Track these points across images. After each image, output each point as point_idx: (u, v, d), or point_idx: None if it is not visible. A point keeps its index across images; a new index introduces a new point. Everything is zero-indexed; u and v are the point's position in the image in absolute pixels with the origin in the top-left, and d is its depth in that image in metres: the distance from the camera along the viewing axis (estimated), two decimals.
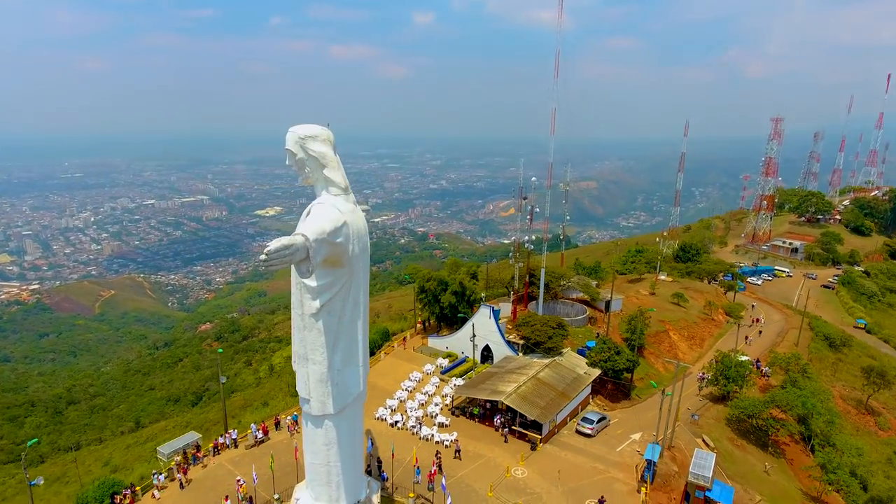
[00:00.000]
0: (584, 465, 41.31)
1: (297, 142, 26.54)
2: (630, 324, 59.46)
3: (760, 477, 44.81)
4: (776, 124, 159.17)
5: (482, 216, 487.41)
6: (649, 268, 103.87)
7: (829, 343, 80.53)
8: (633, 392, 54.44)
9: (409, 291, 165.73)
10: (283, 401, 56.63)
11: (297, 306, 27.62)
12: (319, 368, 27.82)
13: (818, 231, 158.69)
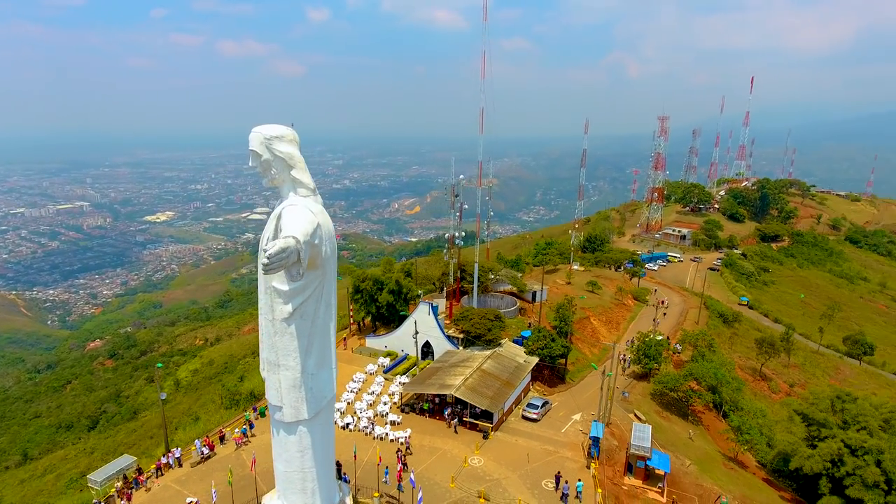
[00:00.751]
0: (536, 448, 43.32)
1: (262, 143, 25.71)
2: (558, 312, 62.66)
3: (686, 444, 49.29)
4: (663, 122, 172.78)
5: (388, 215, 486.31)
6: (562, 259, 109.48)
7: (723, 320, 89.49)
8: (567, 376, 57.61)
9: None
10: (217, 414, 53.90)
11: (267, 312, 26.76)
12: (292, 374, 27.15)
13: (701, 219, 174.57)
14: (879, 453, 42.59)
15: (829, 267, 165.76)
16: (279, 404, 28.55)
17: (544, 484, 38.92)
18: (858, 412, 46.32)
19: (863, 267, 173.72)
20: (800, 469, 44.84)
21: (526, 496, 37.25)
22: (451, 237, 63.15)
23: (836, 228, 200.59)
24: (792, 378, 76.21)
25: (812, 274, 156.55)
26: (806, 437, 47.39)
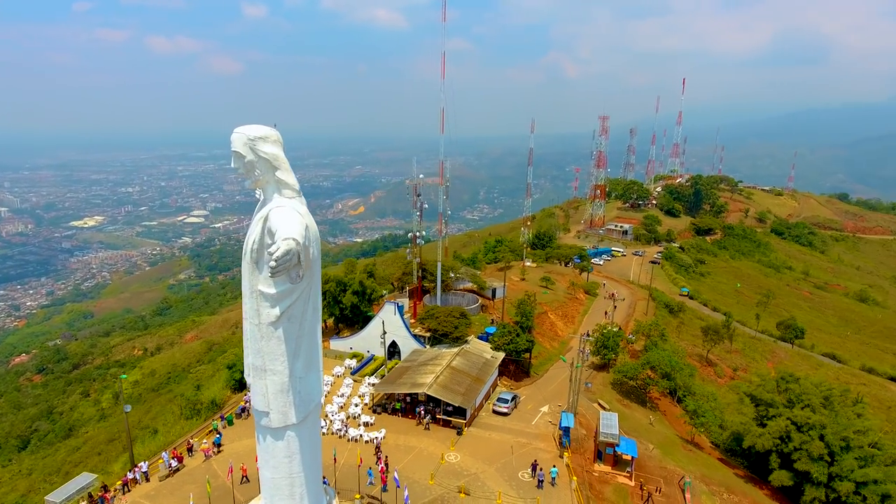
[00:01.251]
0: (509, 441, 44.27)
1: (245, 143, 25.15)
2: (520, 308, 64.05)
3: (648, 429, 51.56)
4: (603, 122, 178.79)
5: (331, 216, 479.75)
6: (515, 256, 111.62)
7: (669, 310, 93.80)
8: (532, 370, 59.03)
9: None
10: (178, 425, 51.87)
11: (253, 316, 26.19)
12: (280, 378, 26.69)
13: (641, 215, 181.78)
14: (822, 428, 46.01)
15: (757, 257, 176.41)
16: (266, 410, 27.97)
17: (521, 475, 39.90)
18: (801, 391, 49.87)
19: (787, 257, 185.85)
20: (752, 447, 47.87)
21: (504, 488, 38.08)
22: (414, 236, 63.35)
23: (762, 221, 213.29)
24: (735, 363, 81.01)
25: (743, 264, 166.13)
26: (756, 417, 50.53)
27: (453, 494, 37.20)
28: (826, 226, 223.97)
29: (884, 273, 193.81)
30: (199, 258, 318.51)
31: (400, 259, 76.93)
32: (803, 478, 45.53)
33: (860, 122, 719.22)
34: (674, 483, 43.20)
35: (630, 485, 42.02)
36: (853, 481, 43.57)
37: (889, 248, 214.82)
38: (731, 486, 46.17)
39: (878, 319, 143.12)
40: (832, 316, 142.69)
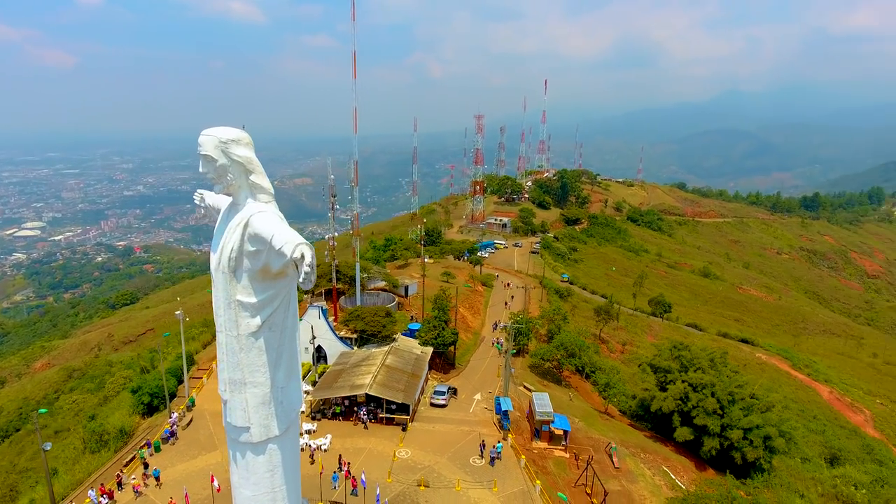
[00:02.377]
0: (454, 431, 45.76)
1: (217, 146, 23.73)
2: (436, 303, 65.72)
3: (569, 405, 55.83)
4: (479, 120, 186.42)
5: (194, 222, 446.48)
6: (411, 253, 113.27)
7: (560, 295, 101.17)
8: (456, 361, 60.98)
9: (130, 314, 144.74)
10: (84, 460, 46.40)
11: (232, 328, 24.84)
12: (261, 390, 25.60)
13: (516, 209, 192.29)
14: (712, 387, 53.12)
15: (619, 243, 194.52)
16: (245, 425, 26.57)
17: (472, 461, 41.60)
18: (692, 357, 57.10)
19: (643, 241, 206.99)
20: (659, 410, 53.93)
21: (460, 475, 39.52)
22: (332, 238, 62.32)
23: (619, 210, 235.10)
24: (622, 338, 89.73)
25: (609, 250, 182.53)
26: (657, 383, 56.97)
27: (413, 489, 37.88)
28: (670, 212, 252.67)
29: (718, 251, 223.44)
30: (38, 276, 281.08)
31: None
32: (701, 431, 52.23)
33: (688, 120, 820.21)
34: (601, 450, 47.53)
35: (566, 457, 45.58)
36: (741, 429, 50.89)
37: (721, 229, 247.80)
38: (645, 446, 51.76)
39: (719, 291, 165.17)
40: (684, 291, 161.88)
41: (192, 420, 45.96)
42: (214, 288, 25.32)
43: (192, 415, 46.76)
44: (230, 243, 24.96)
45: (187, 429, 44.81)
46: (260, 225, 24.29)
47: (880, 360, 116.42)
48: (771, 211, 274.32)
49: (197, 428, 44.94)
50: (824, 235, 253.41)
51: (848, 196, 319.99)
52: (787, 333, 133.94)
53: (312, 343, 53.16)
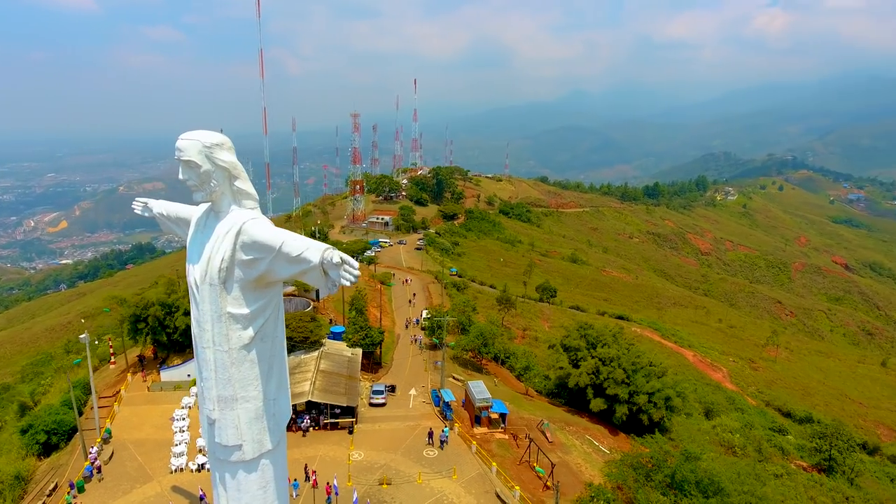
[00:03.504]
0: (400, 427, 46.38)
1: (201, 151, 22.26)
2: (354, 304, 65.36)
3: (495, 390, 58.65)
4: (355, 119, 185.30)
5: (21, 236, 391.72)
6: None
7: (457, 288, 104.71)
8: (382, 360, 61.25)
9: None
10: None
11: (222, 342, 23.43)
12: (253, 405, 24.43)
13: (395, 206, 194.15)
14: (619, 359, 59.13)
15: (496, 235, 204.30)
16: (238, 443, 25.08)
17: (426, 453, 42.69)
18: (598, 334, 62.93)
19: (515, 233, 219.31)
20: (576, 385, 58.81)
21: (419, 468, 40.43)
22: None
23: (491, 204, 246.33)
24: (521, 324, 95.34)
25: (487, 242, 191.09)
26: (570, 361, 61.98)
27: (377, 488, 38.12)
28: (537, 204, 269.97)
29: (581, 238, 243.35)
30: None
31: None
32: (613, 400, 57.92)
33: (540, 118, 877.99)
34: (534, 428, 50.96)
35: (506, 438, 48.32)
36: (646, 393, 57.36)
37: (581, 218, 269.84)
38: (567, 420, 56.30)
39: (587, 275, 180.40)
40: (558, 276, 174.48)
41: (113, 453, 41.70)
42: (197, 302, 23.92)
43: (111, 447, 42.39)
44: (219, 253, 23.74)
45: (110, 463, 40.62)
46: (259, 232, 23.35)
47: (725, 325, 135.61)
48: (621, 200, 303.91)
49: (122, 460, 40.92)
50: (665, 220, 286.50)
51: (680, 184, 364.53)
52: (647, 308, 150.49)
53: None
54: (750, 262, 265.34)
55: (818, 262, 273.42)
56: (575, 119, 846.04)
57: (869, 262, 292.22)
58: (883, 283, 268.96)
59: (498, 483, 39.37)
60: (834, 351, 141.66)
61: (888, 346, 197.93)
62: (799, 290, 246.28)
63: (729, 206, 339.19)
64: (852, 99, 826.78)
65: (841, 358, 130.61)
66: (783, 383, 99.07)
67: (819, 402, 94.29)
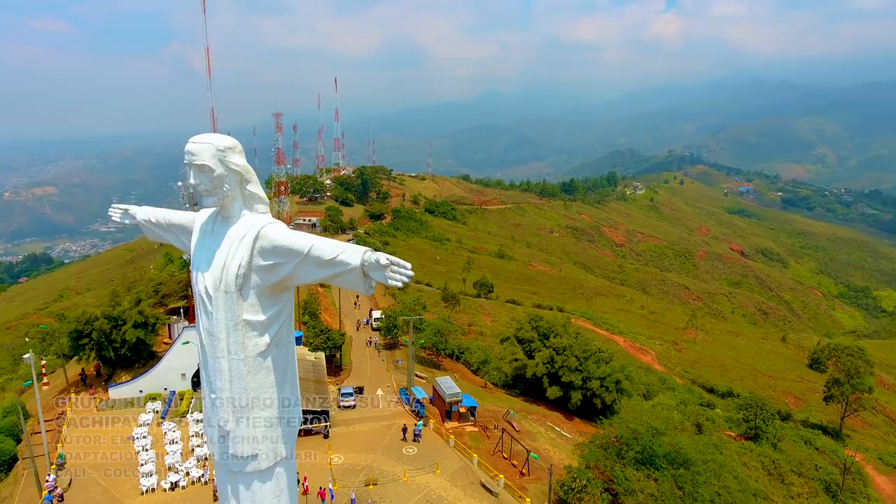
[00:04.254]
0: (375, 428, 46.43)
1: (215, 155, 21.53)
2: (306, 308, 64.24)
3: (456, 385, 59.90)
4: (277, 118, 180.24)
5: None
6: None
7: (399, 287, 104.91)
8: (342, 363, 60.67)
9: None
10: None
11: (238, 351, 22.65)
12: (269, 412, 23.79)
13: (321, 207, 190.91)
14: (571, 348, 62.19)
15: (424, 234, 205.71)
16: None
17: (405, 451, 43.13)
18: (549, 325, 65.73)
19: (443, 231, 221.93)
20: (533, 375, 61.15)
21: (401, 466, 40.86)
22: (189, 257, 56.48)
23: (416, 203, 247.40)
24: (465, 319, 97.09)
25: (417, 241, 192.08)
26: (525, 353, 64.31)
27: (364, 490, 38.16)
28: (461, 202, 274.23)
29: (505, 234, 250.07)
30: None
31: (140, 279, 66.49)
32: (567, 387, 60.87)
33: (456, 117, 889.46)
34: (500, 419, 52.64)
35: (477, 430, 49.64)
36: (598, 378, 60.72)
37: (504, 215, 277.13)
38: (527, 409, 58.53)
39: (515, 269, 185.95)
40: (487, 272, 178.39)
41: (71, 480, 38.81)
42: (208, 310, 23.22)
43: (67, 474, 39.41)
44: (235, 259, 23.15)
45: (69, 490, 37.82)
46: (280, 237, 22.96)
47: (647, 311, 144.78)
48: (540, 196, 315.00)
49: (83, 486, 38.20)
50: (582, 214, 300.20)
51: (593, 180, 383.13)
52: (575, 299, 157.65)
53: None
54: (659, 252, 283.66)
55: (718, 250, 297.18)
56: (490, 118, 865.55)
57: (760, 248, 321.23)
58: (773, 266, 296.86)
59: (481, 474, 40.58)
60: (741, 330, 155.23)
61: (781, 324, 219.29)
62: (703, 276, 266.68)
63: (638, 200, 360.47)
64: (738, 99, 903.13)
65: (748, 336, 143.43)
66: (704, 362, 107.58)
67: (736, 377, 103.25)
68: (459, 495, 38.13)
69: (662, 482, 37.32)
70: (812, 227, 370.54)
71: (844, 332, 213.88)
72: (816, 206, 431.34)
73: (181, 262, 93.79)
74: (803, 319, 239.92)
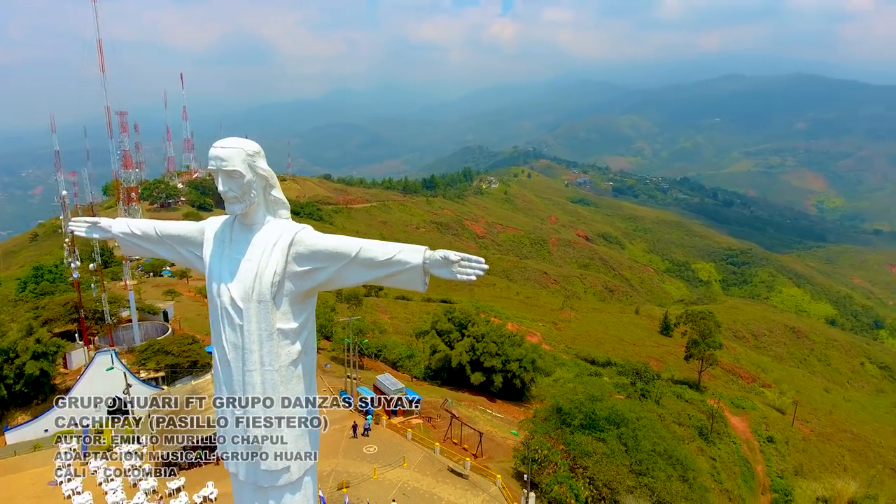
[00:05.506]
0: (328, 432, 45.59)
1: (244, 160, 20.40)
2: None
3: None
4: (122, 118, 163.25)
5: None
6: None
7: None
8: None
9: None
10: None
11: (273, 362, 21.52)
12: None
13: (177, 213, 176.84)
14: (488, 334, 65.88)
15: None
16: (286, 465, 23.12)
17: (365, 449, 43.25)
18: (464, 315, 68.82)
19: None
20: (458, 364, 63.73)
21: (367, 464, 41.07)
22: (99, 266, 50.69)
23: None
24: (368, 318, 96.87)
25: None
26: (446, 343, 66.71)
27: (338, 494, 37.86)
28: (326, 202, 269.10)
29: (374, 233, 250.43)
30: None
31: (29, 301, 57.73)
32: (490, 371, 64.51)
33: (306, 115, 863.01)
34: (439, 408, 54.49)
35: (422, 422, 51.01)
36: (516, 360, 65.15)
37: (370, 213, 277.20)
38: (455, 397, 61.03)
39: None
40: None
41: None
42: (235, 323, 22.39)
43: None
44: (270, 266, 22.49)
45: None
46: (319, 241, 22.43)
47: (522, 296, 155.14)
48: (403, 193, 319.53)
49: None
50: (444, 209, 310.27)
51: (451, 176, 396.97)
52: (455, 291, 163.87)
53: (126, 394, 43.61)
54: (517, 241, 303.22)
55: (567, 237, 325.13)
56: (342, 116, 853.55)
57: (601, 233, 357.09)
58: (613, 248, 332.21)
59: (446, 460, 42.21)
60: (603, 307, 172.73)
61: (625, 299, 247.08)
62: (557, 262, 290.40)
63: (493, 194, 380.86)
64: (570, 98, 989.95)
65: (609, 312, 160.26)
66: (581, 338, 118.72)
67: (608, 348, 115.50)
68: (432, 483, 39.44)
69: (609, 441, 42.03)
70: (639, 211, 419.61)
71: (674, 301, 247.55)
72: (641, 194, 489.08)
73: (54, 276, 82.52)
74: (641, 293, 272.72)
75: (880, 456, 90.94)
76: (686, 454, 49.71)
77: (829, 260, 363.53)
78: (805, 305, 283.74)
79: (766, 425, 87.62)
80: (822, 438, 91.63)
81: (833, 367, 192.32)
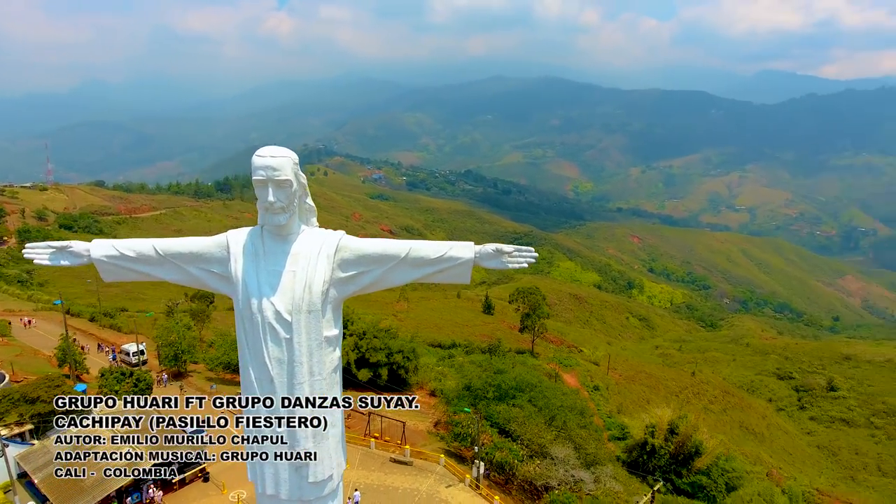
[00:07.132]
0: None
1: (292, 169, 19.62)
2: (66, 356, 51.78)
3: None
4: None
5: None
6: None
7: (107, 315, 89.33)
8: None
9: None
10: None
11: (320, 371, 20.46)
12: (338, 428, 22.67)
13: None
14: (369, 330, 67.14)
15: None
16: (330, 473, 21.91)
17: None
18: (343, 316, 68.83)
19: None
20: (347, 363, 63.74)
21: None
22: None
23: (43, 219, 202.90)
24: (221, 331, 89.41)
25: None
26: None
27: None
28: (104, 212, 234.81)
29: None
30: None
31: None
32: (375, 366, 65.86)
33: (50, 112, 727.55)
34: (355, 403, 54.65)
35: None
36: (398, 352, 67.49)
37: (160, 221, 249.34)
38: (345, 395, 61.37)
39: None
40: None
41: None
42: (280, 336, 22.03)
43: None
44: (319, 275, 22.35)
45: None
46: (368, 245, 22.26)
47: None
48: (195, 198, 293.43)
49: None
50: (245, 213, 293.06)
51: (246, 177, 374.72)
52: None
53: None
54: None
55: (373, 232, 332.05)
56: (98, 114, 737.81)
57: (404, 226, 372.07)
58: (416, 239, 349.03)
59: (385, 453, 43.37)
60: (430, 295, 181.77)
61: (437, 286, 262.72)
62: None
63: None
64: (354, 96, 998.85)
65: (436, 298, 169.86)
66: (423, 326, 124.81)
67: (448, 331, 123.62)
68: (381, 476, 40.47)
69: (524, 406, 47.37)
70: (434, 203, 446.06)
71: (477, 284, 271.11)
72: (432, 186, 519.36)
73: None
74: None
75: (668, 388, 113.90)
76: (582, 404, 57.96)
77: (589, 235, 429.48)
78: (578, 275, 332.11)
79: (591, 377, 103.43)
80: (628, 381, 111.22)
81: (608, 323, 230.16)
